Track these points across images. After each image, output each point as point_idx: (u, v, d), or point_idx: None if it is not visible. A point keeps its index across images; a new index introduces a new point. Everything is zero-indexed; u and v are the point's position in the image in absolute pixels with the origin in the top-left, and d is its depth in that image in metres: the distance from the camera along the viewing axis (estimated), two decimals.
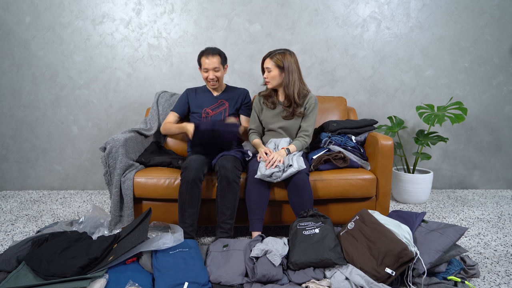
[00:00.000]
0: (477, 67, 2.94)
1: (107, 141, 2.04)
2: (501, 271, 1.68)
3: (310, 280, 1.48)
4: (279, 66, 2.03)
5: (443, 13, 2.86)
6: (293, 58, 2.05)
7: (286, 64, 2.03)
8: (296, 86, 2.06)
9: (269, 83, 2.09)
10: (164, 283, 1.43)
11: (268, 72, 2.06)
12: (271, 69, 2.04)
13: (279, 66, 2.03)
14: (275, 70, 2.04)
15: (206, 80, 2.20)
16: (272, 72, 2.05)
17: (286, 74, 2.04)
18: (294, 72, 2.05)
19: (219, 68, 2.16)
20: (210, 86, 2.24)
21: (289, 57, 2.03)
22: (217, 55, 2.15)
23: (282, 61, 2.02)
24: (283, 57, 2.03)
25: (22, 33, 2.87)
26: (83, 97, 2.97)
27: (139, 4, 2.84)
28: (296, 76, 2.06)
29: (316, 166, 2.05)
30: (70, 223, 2.01)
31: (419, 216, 1.73)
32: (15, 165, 3.05)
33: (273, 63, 2.03)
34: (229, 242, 1.76)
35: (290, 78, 2.04)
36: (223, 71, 2.21)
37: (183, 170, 1.86)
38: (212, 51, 2.15)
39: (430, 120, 2.56)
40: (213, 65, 2.13)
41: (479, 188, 3.11)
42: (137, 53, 2.90)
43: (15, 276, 1.46)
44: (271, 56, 2.05)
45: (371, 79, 2.95)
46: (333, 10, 2.85)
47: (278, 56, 2.03)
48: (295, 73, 2.05)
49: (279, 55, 2.03)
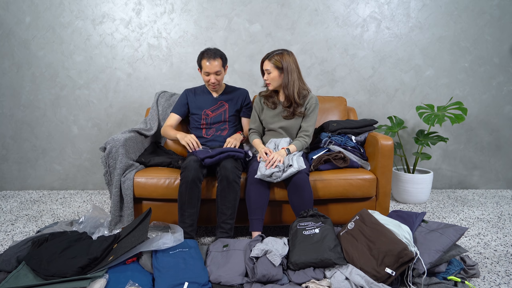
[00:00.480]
0: (477, 67, 2.94)
1: (107, 141, 2.04)
2: (501, 271, 1.68)
3: (310, 280, 1.48)
4: (278, 67, 2.03)
5: (443, 13, 2.86)
6: (291, 58, 2.04)
7: (285, 65, 2.02)
8: (295, 86, 2.05)
9: (270, 84, 2.08)
10: (164, 283, 1.43)
11: (268, 74, 2.05)
12: (271, 70, 2.04)
13: (278, 67, 2.02)
14: (275, 72, 2.04)
15: (207, 83, 2.19)
16: (272, 73, 2.04)
17: (285, 74, 2.03)
18: (293, 72, 2.04)
19: (221, 72, 2.14)
20: (211, 89, 2.23)
21: (287, 57, 2.03)
22: (219, 58, 2.10)
23: (281, 61, 2.02)
24: (281, 57, 2.02)
25: (22, 33, 2.87)
26: (83, 97, 2.97)
27: (139, 4, 2.84)
28: (296, 75, 2.05)
29: (316, 166, 2.05)
30: (70, 223, 2.01)
31: (419, 216, 1.73)
32: (15, 165, 3.05)
33: (272, 64, 2.03)
34: (229, 242, 1.76)
35: (289, 78, 2.04)
36: (224, 73, 2.20)
37: (183, 170, 1.86)
38: (213, 54, 2.09)
39: (430, 120, 2.56)
40: (214, 69, 2.10)
41: (479, 188, 3.11)
42: (137, 53, 2.90)
43: (15, 276, 1.46)
44: (269, 58, 2.04)
45: (371, 79, 2.95)
46: (333, 10, 2.85)
47: (276, 57, 2.02)
48: (294, 73, 2.05)
49: (277, 56, 2.02)
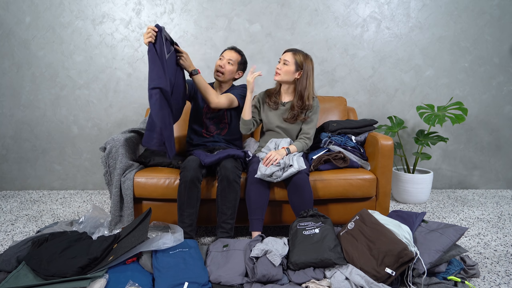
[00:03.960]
0: (477, 67, 2.94)
1: (107, 141, 2.04)
2: (501, 271, 1.68)
3: (310, 280, 1.48)
4: (297, 65, 2.02)
5: (443, 13, 2.86)
6: (312, 64, 2.06)
7: (306, 68, 2.03)
8: (310, 91, 2.07)
9: (279, 75, 2.06)
10: (164, 283, 1.43)
11: (284, 65, 2.03)
12: (289, 63, 2.02)
13: (298, 65, 2.02)
14: (292, 66, 2.03)
15: (216, 69, 2.19)
16: (288, 66, 2.03)
17: (303, 77, 2.04)
18: (310, 78, 2.06)
19: (233, 63, 2.17)
20: (216, 75, 2.22)
21: (309, 62, 2.04)
22: (239, 54, 2.20)
23: (303, 62, 2.02)
24: (305, 59, 2.03)
25: (22, 33, 2.87)
26: (83, 97, 2.97)
27: (139, 4, 2.84)
28: (311, 81, 2.07)
29: (316, 166, 2.05)
30: (70, 223, 2.01)
31: (419, 216, 1.73)
32: (15, 165, 3.05)
33: (294, 59, 2.02)
34: (229, 242, 1.76)
35: (306, 82, 2.04)
36: (235, 71, 2.20)
37: (182, 170, 1.86)
38: (236, 49, 2.21)
39: (431, 120, 2.56)
40: (229, 55, 2.17)
41: (479, 188, 3.11)
42: (137, 53, 2.90)
43: (15, 276, 1.46)
44: (294, 52, 2.04)
45: (371, 79, 2.95)
46: (333, 10, 2.85)
47: (302, 56, 2.03)
48: (311, 79, 2.06)
49: (302, 56, 2.03)
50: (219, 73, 2.19)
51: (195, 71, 2.00)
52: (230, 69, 2.18)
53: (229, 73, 2.19)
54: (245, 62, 2.24)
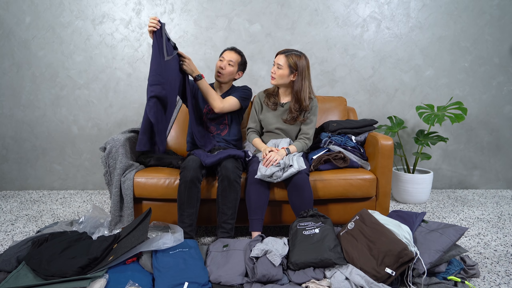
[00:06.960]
0: (477, 67, 2.94)
1: (107, 141, 2.04)
2: (501, 271, 1.68)
3: (310, 280, 1.48)
4: (291, 67, 2.00)
5: (443, 13, 2.86)
6: (307, 63, 2.02)
7: (300, 69, 1.99)
8: (307, 92, 2.04)
9: (274, 79, 2.06)
10: (164, 283, 1.43)
11: (278, 69, 2.02)
12: (282, 66, 2.00)
13: (292, 67, 2.00)
14: (286, 70, 2.01)
15: (217, 71, 2.20)
16: (282, 70, 2.01)
17: (298, 78, 2.01)
18: (306, 78, 2.02)
19: (234, 65, 2.17)
20: (216, 76, 2.22)
21: (304, 61, 2.00)
22: (238, 54, 2.20)
23: (297, 63, 1.98)
24: (298, 59, 1.99)
25: (22, 33, 2.87)
26: (83, 97, 2.97)
27: (139, 4, 2.84)
28: (307, 82, 2.04)
29: (316, 166, 2.05)
30: (70, 223, 2.01)
31: (419, 216, 1.73)
32: (15, 165, 3.05)
33: (286, 62, 1.99)
34: (229, 242, 1.77)
35: (302, 83, 2.02)
36: (235, 72, 2.20)
37: (182, 170, 1.86)
38: (236, 49, 2.21)
39: (430, 120, 2.56)
40: (229, 57, 2.17)
41: (479, 188, 3.11)
42: (137, 53, 2.90)
43: (15, 276, 1.46)
44: (286, 55, 2.00)
45: (371, 79, 2.95)
46: (333, 10, 2.85)
47: (294, 57, 1.99)
48: (306, 79, 2.03)
49: (295, 57, 1.99)
50: (219, 76, 2.20)
51: (199, 77, 2.01)
52: (231, 70, 2.18)
53: (230, 75, 2.20)
54: (245, 63, 2.25)
